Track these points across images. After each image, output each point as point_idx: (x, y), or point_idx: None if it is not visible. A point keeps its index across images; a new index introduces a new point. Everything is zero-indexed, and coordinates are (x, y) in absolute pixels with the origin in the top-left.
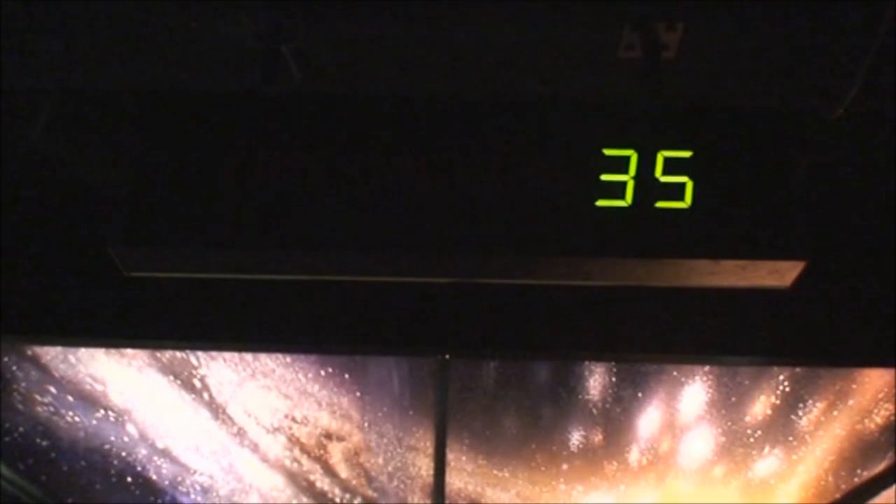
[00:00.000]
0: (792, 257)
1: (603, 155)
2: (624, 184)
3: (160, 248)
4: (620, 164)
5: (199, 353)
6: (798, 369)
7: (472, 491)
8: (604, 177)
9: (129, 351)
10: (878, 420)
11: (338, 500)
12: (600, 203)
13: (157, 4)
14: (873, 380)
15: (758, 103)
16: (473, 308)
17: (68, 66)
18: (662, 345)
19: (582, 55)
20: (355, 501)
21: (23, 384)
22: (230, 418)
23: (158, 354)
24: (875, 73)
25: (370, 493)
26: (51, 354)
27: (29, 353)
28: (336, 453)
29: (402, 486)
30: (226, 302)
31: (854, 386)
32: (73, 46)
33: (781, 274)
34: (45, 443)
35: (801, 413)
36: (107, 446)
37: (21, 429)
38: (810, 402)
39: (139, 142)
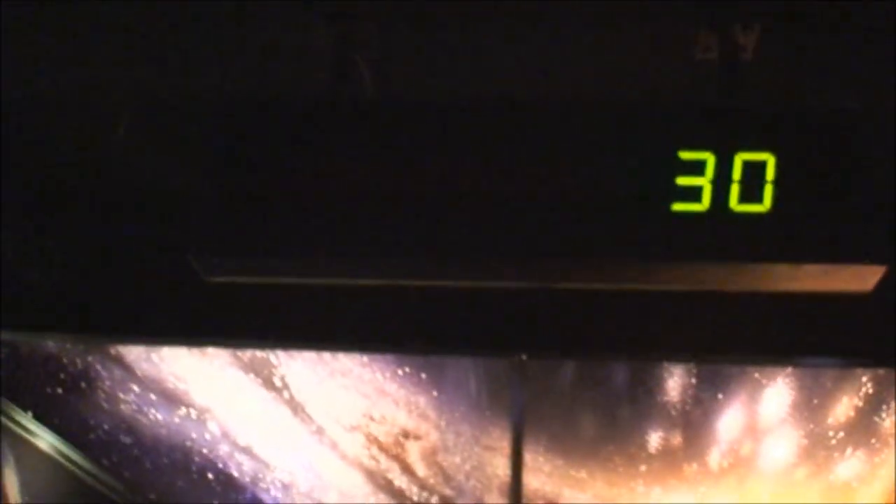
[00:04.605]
0: (874, 261)
1: (679, 158)
2: (700, 188)
3: (239, 256)
4: (697, 168)
5: (280, 353)
6: (881, 371)
7: (549, 491)
8: (679, 180)
9: (211, 350)
10: None
11: (415, 498)
12: (676, 207)
13: (231, 14)
14: None
15: (838, 104)
16: (550, 309)
17: (146, 72)
18: (743, 347)
19: (658, 57)
20: (432, 500)
21: (107, 383)
22: (309, 417)
23: (239, 353)
24: None
25: (447, 491)
26: (134, 354)
27: (113, 352)
28: (413, 452)
29: (478, 485)
30: (305, 303)
31: None
32: (151, 54)
33: (864, 278)
34: (128, 440)
35: (884, 415)
36: (188, 443)
37: (105, 426)
38: (894, 403)
39: (215, 150)
